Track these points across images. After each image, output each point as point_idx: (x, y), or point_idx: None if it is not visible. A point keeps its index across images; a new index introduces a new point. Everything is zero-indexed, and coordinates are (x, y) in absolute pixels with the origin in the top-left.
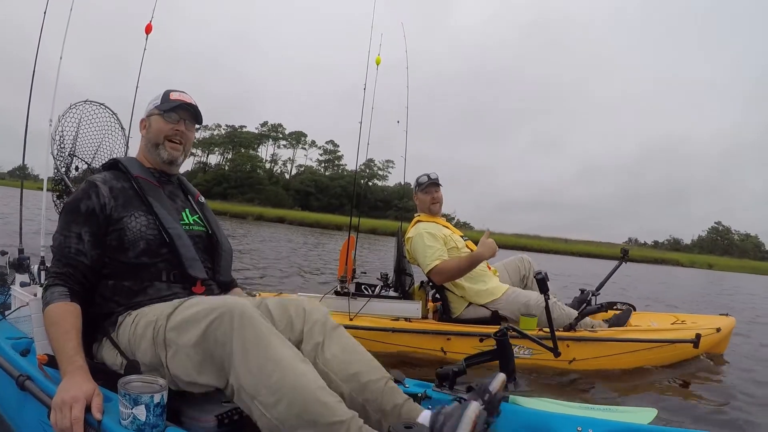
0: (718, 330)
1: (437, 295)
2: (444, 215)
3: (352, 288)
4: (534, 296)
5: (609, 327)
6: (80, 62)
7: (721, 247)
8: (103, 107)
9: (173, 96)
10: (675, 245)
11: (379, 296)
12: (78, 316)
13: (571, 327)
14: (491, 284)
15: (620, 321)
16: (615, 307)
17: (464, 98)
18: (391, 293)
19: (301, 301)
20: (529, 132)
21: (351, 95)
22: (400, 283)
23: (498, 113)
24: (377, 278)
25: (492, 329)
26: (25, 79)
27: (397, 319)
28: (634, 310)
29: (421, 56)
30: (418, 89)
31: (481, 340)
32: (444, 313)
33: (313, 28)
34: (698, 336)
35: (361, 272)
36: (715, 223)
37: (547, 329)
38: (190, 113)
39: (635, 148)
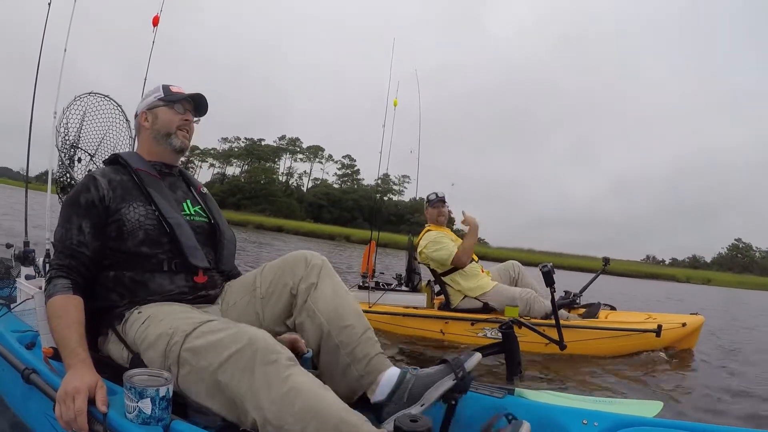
0: (684, 325)
1: (440, 291)
2: (458, 230)
3: (372, 284)
4: (517, 291)
5: (582, 318)
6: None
7: (741, 264)
8: (108, 99)
9: (174, 89)
10: (694, 263)
11: (392, 289)
12: (81, 308)
13: (547, 316)
14: (482, 282)
15: (591, 313)
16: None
17: (495, 110)
18: (403, 288)
19: (302, 252)
20: (562, 146)
21: (372, 110)
22: (410, 280)
23: (530, 126)
24: (392, 277)
25: (482, 316)
26: (46, 76)
27: (407, 308)
28: (615, 310)
29: (452, 67)
30: (449, 101)
31: (472, 324)
32: (445, 305)
33: (339, 41)
34: (660, 327)
35: (380, 273)
36: (735, 240)
37: (527, 316)
38: (193, 105)
39: (667, 163)
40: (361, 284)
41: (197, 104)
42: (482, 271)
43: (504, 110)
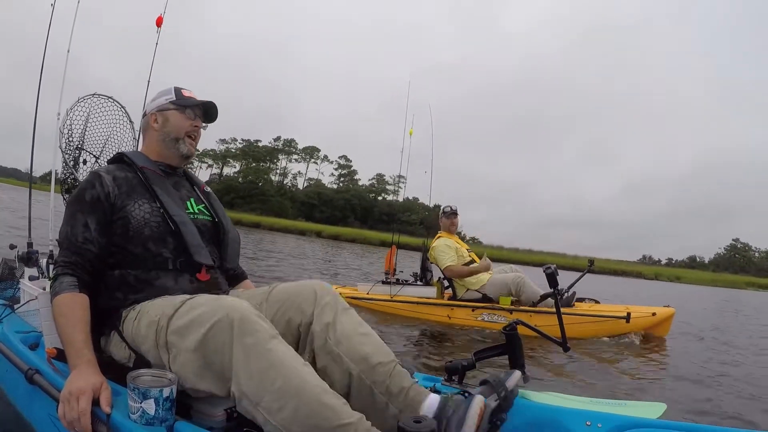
0: (654, 314)
1: (448, 286)
2: (460, 233)
3: (393, 280)
4: (509, 278)
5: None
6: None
7: (738, 264)
8: (112, 100)
9: (186, 93)
10: (692, 263)
11: (409, 284)
12: (86, 307)
13: (534, 305)
14: (481, 277)
15: (566, 303)
16: (583, 300)
17: (509, 109)
18: (418, 283)
19: (311, 283)
20: (576, 147)
21: (377, 111)
22: (423, 276)
23: (544, 126)
24: (410, 275)
25: (480, 305)
26: (54, 77)
27: (420, 298)
28: (598, 302)
29: (466, 64)
30: (462, 99)
31: (473, 310)
32: (452, 296)
33: (345, 41)
34: (629, 314)
35: (399, 271)
36: (732, 240)
37: (517, 300)
38: (203, 111)
39: (684, 163)
40: (384, 280)
41: (207, 111)
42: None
43: (518, 109)
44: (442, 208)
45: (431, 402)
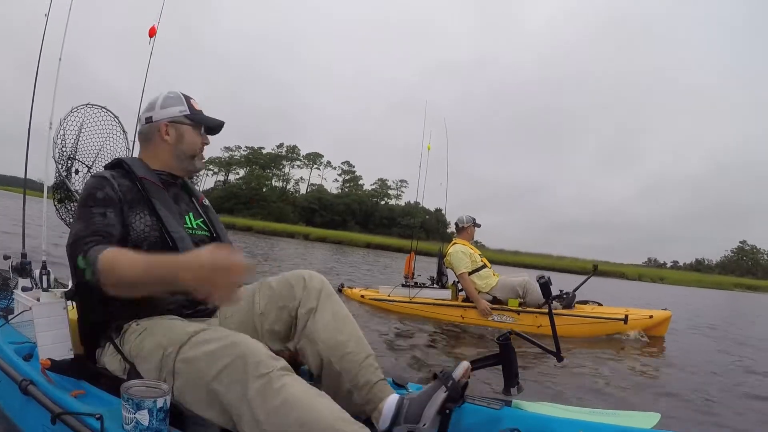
0: (651, 317)
1: (462, 289)
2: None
3: (412, 283)
4: (516, 281)
5: (562, 308)
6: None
7: (745, 266)
8: (105, 110)
9: (196, 105)
10: (698, 266)
11: (427, 287)
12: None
13: (539, 307)
14: (491, 281)
15: (567, 304)
16: (587, 303)
17: (526, 107)
18: (434, 286)
19: (301, 271)
20: (589, 146)
21: (382, 114)
22: (439, 280)
23: (552, 126)
24: (427, 278)
25: (490, 306)
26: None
27: (437, 299)
28: (601, 305)
29: (482, 61)
30: (477, 97)
31: None
32: (465, 298)
33: (352, 41)
34: (626, 316)
35: (417, 275)
36: (740, 242)
37: (524, 302)
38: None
39: (698, 164)
40: (403, 283)
41: (214, 127)
42: (493, 275)
43: (526, 110)
44: (473, 219)
45: (391, 401)
